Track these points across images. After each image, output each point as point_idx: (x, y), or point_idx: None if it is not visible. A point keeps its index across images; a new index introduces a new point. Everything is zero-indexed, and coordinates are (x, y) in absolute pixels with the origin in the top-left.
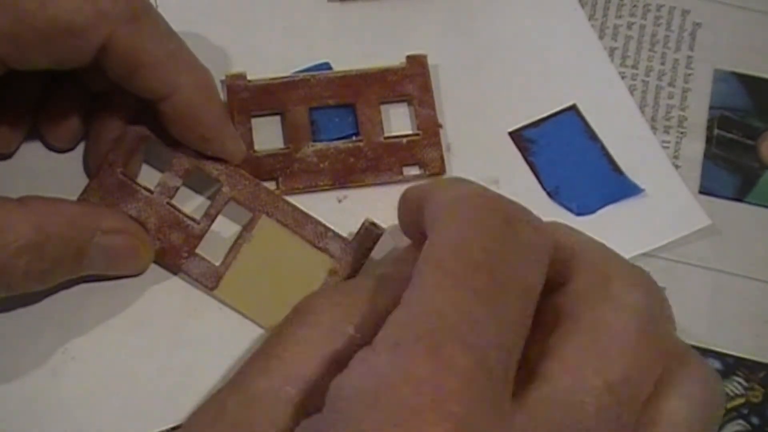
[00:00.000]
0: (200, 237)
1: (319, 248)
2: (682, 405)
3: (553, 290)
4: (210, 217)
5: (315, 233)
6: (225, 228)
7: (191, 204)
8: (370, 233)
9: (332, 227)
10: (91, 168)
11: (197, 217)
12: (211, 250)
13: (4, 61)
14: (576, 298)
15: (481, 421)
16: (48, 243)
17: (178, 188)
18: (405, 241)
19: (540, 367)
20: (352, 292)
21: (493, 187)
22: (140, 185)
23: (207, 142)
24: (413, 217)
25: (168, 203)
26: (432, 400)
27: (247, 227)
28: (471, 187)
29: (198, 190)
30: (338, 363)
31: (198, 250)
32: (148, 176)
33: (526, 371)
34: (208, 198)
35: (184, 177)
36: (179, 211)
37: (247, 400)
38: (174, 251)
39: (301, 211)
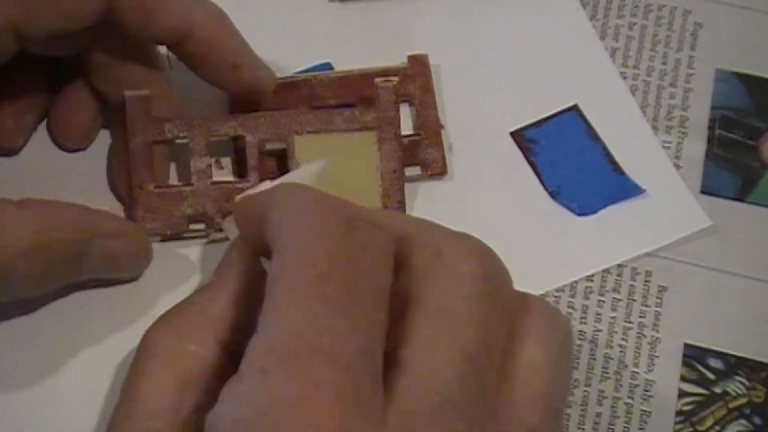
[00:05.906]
0: None
1: (357, 129)
2: (535, 349)
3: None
4: (254, 169)
5: (345, 119)
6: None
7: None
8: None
9: (355, 107)
10: (120, 186)
11: (243, 177)
12: None
13: (17, 27)
14: (415, 278)
15: (356, 428)
16: (48, 246)
17: (210, 165)
18: None
19: (400, 356)
20: (184, 312)
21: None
22: (178, 184)
23: (240, 70)
24: (255, 229)
25: (211, 183)
26: (304, 421)
27: (289, 156)
28: (309, 194)
29: (226, 155)
30: (191, 382)
31: None
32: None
33: (390, 363)
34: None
35: (209, 153)
36: (226, 182)
37: None
38: None
39: (324, 110)
